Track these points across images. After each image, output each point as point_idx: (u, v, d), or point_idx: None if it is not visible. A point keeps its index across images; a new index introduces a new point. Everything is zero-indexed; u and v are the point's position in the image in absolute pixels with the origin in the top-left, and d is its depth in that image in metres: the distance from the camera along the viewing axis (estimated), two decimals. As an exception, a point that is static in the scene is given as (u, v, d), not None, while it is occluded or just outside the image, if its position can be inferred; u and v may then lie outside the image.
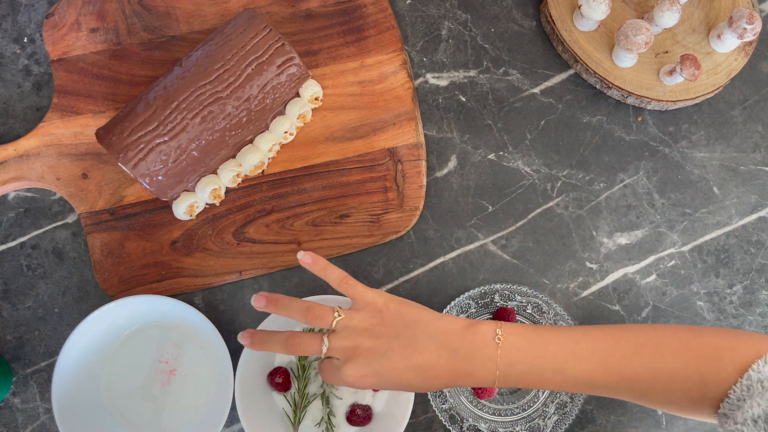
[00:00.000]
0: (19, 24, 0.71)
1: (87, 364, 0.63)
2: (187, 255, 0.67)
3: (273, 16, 0.70)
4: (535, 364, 0.49)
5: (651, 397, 0.49)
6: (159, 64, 0.69)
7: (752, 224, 0.70)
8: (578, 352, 0.49)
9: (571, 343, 0.50)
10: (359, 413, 0.64)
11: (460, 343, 0.50)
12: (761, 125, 0.72)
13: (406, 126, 0.69)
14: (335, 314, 0.52)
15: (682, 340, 0.49)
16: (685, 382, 0.48)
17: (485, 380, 0.50)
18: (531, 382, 0.50)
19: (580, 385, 0.50)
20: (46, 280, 0.67)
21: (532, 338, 0.50)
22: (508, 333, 0.50)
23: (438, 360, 0.50)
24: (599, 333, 0.51)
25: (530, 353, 0.50)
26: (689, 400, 0.49)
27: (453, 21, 0.73)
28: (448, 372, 0.50)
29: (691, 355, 0.48)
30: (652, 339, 0.50)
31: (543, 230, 0.69)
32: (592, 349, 0.49)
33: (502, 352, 0.50)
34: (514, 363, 0.49)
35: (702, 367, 0.48)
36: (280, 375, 0.64)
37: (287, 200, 0.68)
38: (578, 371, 0.49)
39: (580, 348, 0.49)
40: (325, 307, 0.52)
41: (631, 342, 0.50)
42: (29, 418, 0.65)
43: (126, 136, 0.60)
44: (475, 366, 0.50)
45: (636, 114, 0.71)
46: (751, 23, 0.65)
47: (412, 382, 0.50)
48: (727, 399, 0.47)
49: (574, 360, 0.49)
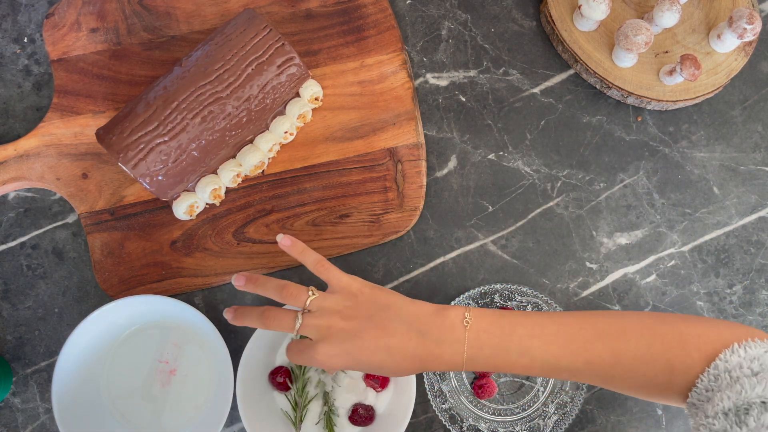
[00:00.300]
0: (19, 24, 0.71)
1: (87, 364, 0.63)
2: (187, 255, 0.67)
3: (273, 16, 0.70)
4: (502, 346, 0.51)
5: (617, 381, 0.50)
6: (159, 64, 0.69)
7: (752, 224, 0.70)
8: (543, 336, 0.50)
9: (537, 327, 0.51)
10: (362, 413, 0.64)
11: (429, 326, 0.51)
12: (761, 125, 0.72)
13: (406, 126, 0.69)
14: (309, 293, 0.53)
15: (647, 326, 0.50)
16: (650, 367, 0.49)
17: (453, 362, 0.51)
18: (498, 365, 0.51)
19: (547, 368, 0.51)
20: (46, 280, 0.67)
21: (499, 322, 0.51)
22: (476, 317, 0.52)
23: (408, 342, 0.51)
24: (565, 318, 0.52)
25: (497, 336, 0.51)
26: (655, 386, 0.49)
27: (453, 21, 0.73)
28: (417, 354, 0.51)
29: (655, 340, 0.49)
30: (616, 324, 0.51)
31: (543, 230, 0.69)
32: (557, 333, 0.51)
33: (470, 335, 0.51)
34: (482, 346, 0.51)
35: (667, 353, 0.48)
36: (281, 374, 0.64)
37: (287, 200, 0.68)
38: (544, 353, 0.50)
39: (545, 332, 0.51)
40: (300, 287, 0.53)
41: (596, 327, 0.51)
42: (29, 418, 0.65)
43: (126, 136, 0.60)
44: (444, 349, 0.51)
45: (636, 114, 0.71)
46: (751, 23, 0.65)
47: (381, 363, 0.51)
48: (695, 388, 0.47)
49: (539, 342, 0.50)
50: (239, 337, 0.67)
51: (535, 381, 0.67)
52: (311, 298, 0.53)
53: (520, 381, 0.67)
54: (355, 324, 0.52)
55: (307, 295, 0.53)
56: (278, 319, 0.53)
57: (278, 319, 0.53)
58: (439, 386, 0.65)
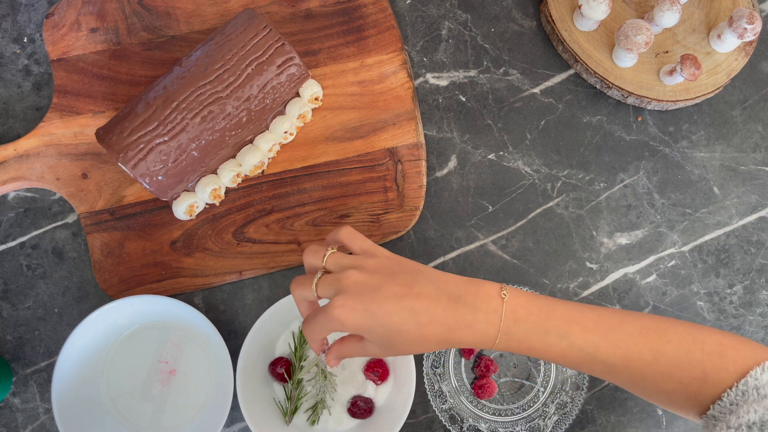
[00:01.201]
0: (19, 24, 0.71)
1: (87, 364, 0.63)
2: (187, 255, 0.67)
3: (273, 16, 0.70)
4: (540, 325, 0.47)
5: (648, 384, 0.48)
6: (159, 64, 0.69)
7: (752, 224, 0.70)
8: (584, 322, 0.47)
9: (577, 313, 0.48)
10: (361, 405, 0.64)
11: (463, 291, 0.47)
12: (761, 125, 0.72)
13: (406, 126, 0.69)
14: (329, 249, 0.49)
15: (688, 330, 0.48)
16: (685, 374, 0.47)
17: (486, 334, 0.47)
18: (533, 345, 0.47)
19: (582, 358, 0.47)
20: (46, 280, 0.67)
21: (536, 301, 0.48)
22: (513, 291, 0.48)
23: (436, 304, 0.46)
24: (605, 310, 0.49)
25: (535, 313, 0.47)
26: (684, 394, 0.48)
27: (453, 21, 0.73)
28: (445, 320, 0.46)
29: (696, 346, 0.47)
30: (659, 324, 0.48)
31: (543, 230, 0.69)
32: (597, 322, 0.48)
33: (508, 307, 0.47)
34: (519, 321, 0.47)
35: (705, 362, 0.47)
36: (281, 365, 0.64)
37: (287, 200, 0.68)
38: (583, 340, 0.47)
39: (585, 318, 0.48)
40: (319, 245, 0.50)
41: (637, 323, 0.48)
42: (29, 418, 0.65)
43: (126, 136, 0.60)
44: (478, 317, 0.46)
45: (636, 114, 0.71)
46: (751, 23, 0.65)
47: (402, 326, 0.46)
48: (719, 401, 0.46)
49: (579, 328, 0.47)
50: (239, 336, 0.67)
51: (535, 381, 0.67)
52: (329, 253, 0.49)
53: (520, 381, 0.67)
54: (377, 278, 0.46)
55: (325, 251, 0.49)
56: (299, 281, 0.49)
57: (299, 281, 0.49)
58: (439, 386, 0.65)
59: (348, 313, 0.46)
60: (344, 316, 0.46)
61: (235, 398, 0.62)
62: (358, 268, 0.47)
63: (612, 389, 0.67)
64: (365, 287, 0.46)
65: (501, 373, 0.67)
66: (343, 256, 0.49)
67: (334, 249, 0.49)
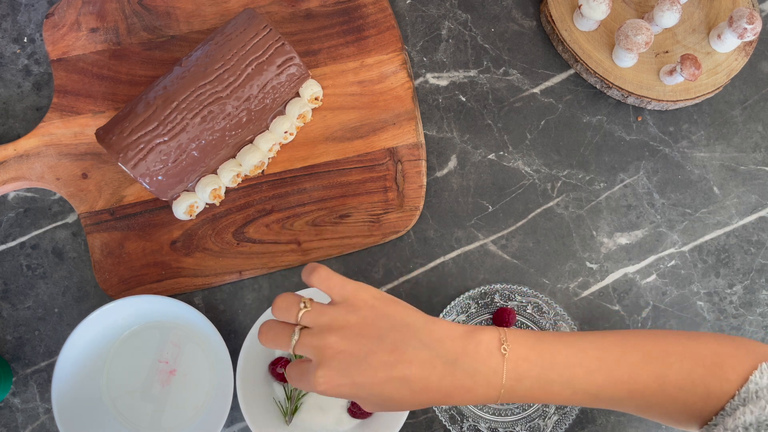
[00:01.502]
0: (18, 24, 0.71)
1: (87, 365, 0.63)
2: (187, 255, 0.67)
3: (273, 16, 0.70)
4: (543, 377, 0.45)
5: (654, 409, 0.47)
6: (159, 64, 0.69)
7: (752, 224, 0.70)
8: (586, 363, 0.45)
9: (579, 353, 0.46)
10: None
11: (459, 352, 0.43)
12: (761, 125, 0.72)
13: (406, 126, 0.69)
14: (301, 305, 0.44)
15: (686, 346, 0.47)
16: (690, 395, 0.46)
17: (487, 397, 0.44)
18: (537, 397, 0.45)
19: (587, 399, 0.46)
20: (45, 280, 0.67)
21: (538, 347, 0.45)
22: (514, 342, 0.45)
23: (431, 372, 0.43)
24: (604, 340, 0.47)
25: (538, 365, 0.45)
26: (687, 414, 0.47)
27: (453, 21, 0.73)
28: (441, 387, 0.43)
29: (696, 363, 0.46)
30: (658, 345, 0.47)
31: (543, 230, 0.69)
32: (600, 359, 0.46)
33: (509, 365, 0.44)
34: (522, 377, 0.44)
35: (707, 377, 0.46)
36: (281, 365, 0.64)
37: (287, 200, 0.68)
38: (587, 384, 0.45)
39: (588, 357, 0.45)
40: (291, 296, 0.45)
41: (639, 349, 0.47)
42: (29, 418, 0.65)
43: (126, 136, 0.60)
44: (477, 381, 0.43)
45: (636, 114, 0.71)
46: (752, 23, 0.65)
47: (395, 395, 0.43)
48: (722, 412, 0.46)
49: (583, 371, 0.45)
50: (239, 337, 0.67)
51: (535, 381, 0.67)
52: (303, 311, 0.44)
53: (520, 381, 0.67)
54: (362, 345, 0.42)
55: (298, 307, 0.44)
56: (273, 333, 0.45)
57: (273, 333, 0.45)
58: (439, 386, 0.65)
59: (335, 388, 0.42)
60: (331, 391, 0.43)
61: (235, 398, 0.62)
62: (339, 332, 0.43)
63: (612, 389, 0.67)
64: (350, 358, 0.42)
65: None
66: (320, 312, 0.44)
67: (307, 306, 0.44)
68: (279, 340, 0.45)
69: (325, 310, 0.44)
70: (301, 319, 0.44)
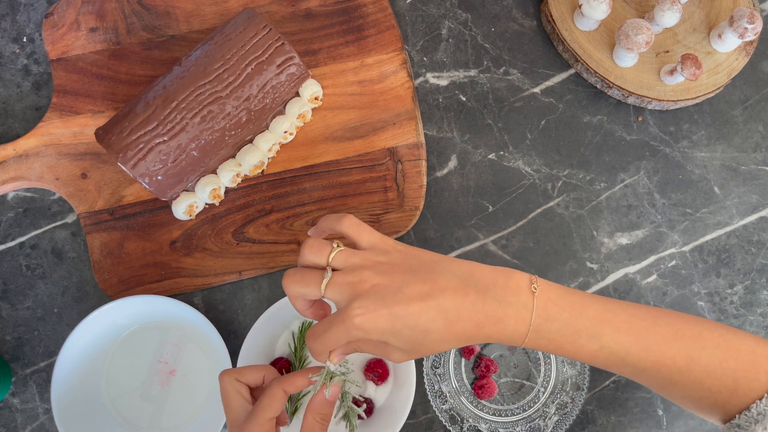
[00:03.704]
0: (18, 23, 0.71)
1: (86, 365, 0.63)
2: (187, 255, 0.66)
3: (273, 16, 0.70)
4: (572, 324, 0.44)
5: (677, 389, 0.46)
6: (159, 63, 0.69)
7: (753, 224, 0.70)
8: (616, 323, 0.45)
9: (609, 312, 0.45)
10: None
11: (490, 283, 0.43)
12: (762, 125, 0.72)
13: (406, 126, 0.69)
14: (334, 245, 0.44)
15: (723, 336, 0.46)
16: (716, 382, 0.45)
17: (516, 331, 0.44)
18: (562, 344, 0.45)
19: (612, 360, 0.45)
20: (45, 280, 0.67)
21: (568, 297, 0.45)
22: (544, 285, 0.45)
23: (464, 299, 0.42)
24: (637, 309, 0.46)
25: (567, 311, 0.44)
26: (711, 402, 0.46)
27: (453, 20, 0.72)
28: (474, 316, 0.43)
29: (730, 354, 0.45)
30: (693, 327, 0.46)
31: (543, 230, 0.69)
32: (630, 323, 0.45)
33: (539, 303, 0.44)
34: (551, 318, 0.44)
35: (738, 371, 0.45)
36: (281, 365, 0.64)
37: (287, 200, 0.68)
38: (615, 342, 0.44)
39: (618, 318, 0.45)
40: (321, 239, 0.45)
41: (672, 325, 0.46)
42: (29, 418, 0.65)
43: (125, 135, 0.60)
44: (507, 312, 0.43)
45: (637, 114, 0.71)
46: (752, 23, 0.64)
47: (431, 326, 0.42)
48: (746, 411, 0.45)
49: (612, 329, 0.44)
50: (239, 337, 0.67)
51: (535, 381, 0.67)
52: (336, 251, 0.44)
53: (520, 381, 0.67)
54: (396, 278, 0.42)
55: (330, 247, 0.44)
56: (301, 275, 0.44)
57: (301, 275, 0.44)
58: (439, 387, 0.65)
59: (372, 319, 0.42)
60: (368, 323, 0.42)
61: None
62: (371, 269, 0.43)
63: (612, 390, 0.67)
64: (386, 289, 0.42)
65: (501, 373, 0.67)
66: (351, 253, 0.45)
67: (340, 246, 0.45)
68: (308, 281, 0.44)
69: (356, 252, 0.45)
70: (333, 260, 0.44)
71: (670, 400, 0.49)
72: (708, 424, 0.67)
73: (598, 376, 0.67)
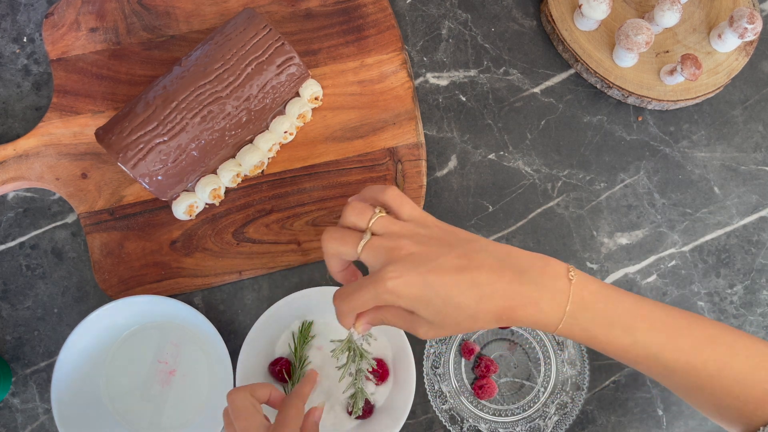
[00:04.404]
0: (18, 24, 0.71)
1: (86, 365, 0.63)
2: (187, 255, 0.66)
3: (273, 16, 0.70)
4: (607, 315, 0.44)
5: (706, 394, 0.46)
6: (159, 63, 0.69)
7: (753, 224, 0.70)
8: (651, 319, 0.44)
9: (644, 309, 0.45)
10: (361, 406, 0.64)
11: (527, 265, 0.43)
12: (762, 125, 0.72)
13: (406, 126, 0.69)
14: (376, 210, 0.45)
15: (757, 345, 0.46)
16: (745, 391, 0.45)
17: (551, 315, 0.43)
18: (596, 335, 0.44)
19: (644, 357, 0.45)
20: (45, 280, 0.67)
21: (604, 290, 0.45)
22: (581, 276, 0.44)
23: (500, 277, 0.42)
24: (673, 311, 0.46)
25: (602, 301, 0.44)
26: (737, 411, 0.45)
27: (453, 20, 0.72)
28: (509, 293, 0.42)
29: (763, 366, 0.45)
30: (727, 335, 0.46)
31: (543, 230, 0.69)
32: (665, 322, 0.45)
33: (575, 290, 0.43)
34: (586, 306, 0.44)
35: None
36: (281, 365, 0.64)
37: (287, 200, 0.68)
38: (649, 339, 0.44)
39: (653, 316, 0.45)
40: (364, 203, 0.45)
41: (706, 330, 0.45)
42: (29, 418, 0.65)
43: (125, 135, 0.60)
44: (543, 295, 0.43)
45: (636, 114, 0.71)
46: (752, 23, 0.65)
47: (462, 300, 0.42)
48: None
49: (646, 325, 0.44)
50: (239, 337, 0.67)
51: (535, 381, 0.67)
52: (376, 216, 0.44)
53: (520, 381, 0.67)
54: (433, 249, 0.42)
55: (372, 211, 0.44)
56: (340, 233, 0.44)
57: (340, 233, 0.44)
58: (439, 386, 0.65)
59: (404, 284, 0.41)
60: (401, 287, 0.42)
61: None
62: (410, 238, 0.43)
63: (612, 390, 0.67)
64: (422, 257, 0.42)
65: (501, 373, 0.67)
66: (392, 221, 0.45)
67: (382, 212, 0.45)
68: (346, 240, 0.44)
69: (396, 221, 0.45)
70: (373, 225, 0.44)
71: (694, 407, 0.48)
72: (708, 425, 0.67)
73: (598, 376, 0.67)
